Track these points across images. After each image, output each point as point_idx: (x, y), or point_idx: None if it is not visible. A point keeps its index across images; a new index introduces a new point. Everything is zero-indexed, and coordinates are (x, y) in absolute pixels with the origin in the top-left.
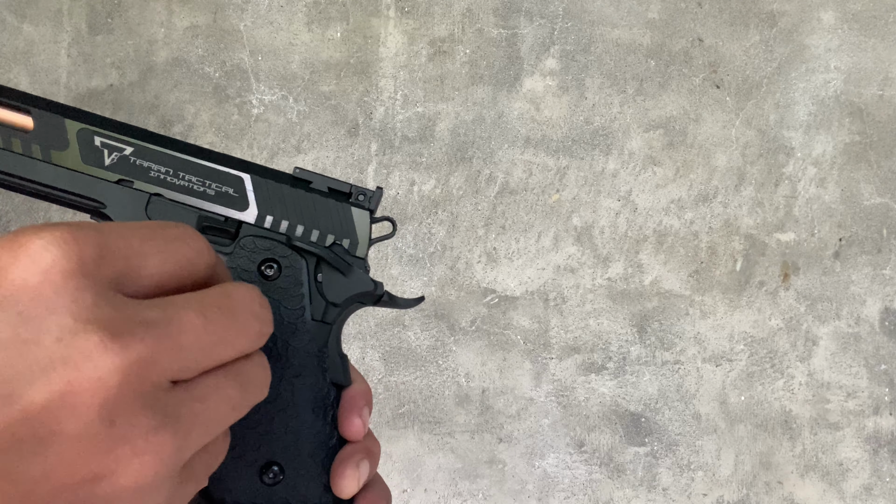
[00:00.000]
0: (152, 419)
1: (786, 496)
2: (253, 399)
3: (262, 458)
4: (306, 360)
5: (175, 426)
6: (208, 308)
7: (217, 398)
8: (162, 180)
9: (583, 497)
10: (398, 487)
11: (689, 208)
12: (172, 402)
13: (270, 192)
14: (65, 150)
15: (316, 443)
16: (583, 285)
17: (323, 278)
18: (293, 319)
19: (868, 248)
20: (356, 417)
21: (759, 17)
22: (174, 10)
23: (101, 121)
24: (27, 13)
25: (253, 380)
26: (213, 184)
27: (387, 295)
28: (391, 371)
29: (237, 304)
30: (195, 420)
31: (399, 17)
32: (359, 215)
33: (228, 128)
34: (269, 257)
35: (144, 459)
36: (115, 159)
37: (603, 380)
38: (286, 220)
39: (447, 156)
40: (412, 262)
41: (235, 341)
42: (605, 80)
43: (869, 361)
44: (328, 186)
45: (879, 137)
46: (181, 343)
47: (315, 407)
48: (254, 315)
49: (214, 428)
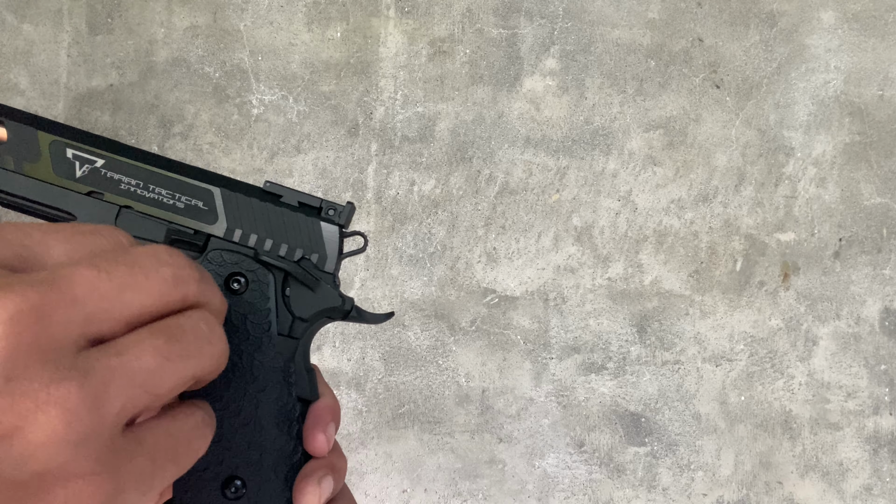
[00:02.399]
0: (54, 372)
1: (786, 496)
2: (195, 350)
3: (224, 472)
4: (271, 374)
5: (83, 378)
6: (102, 261)
7: (139, 349)
8: (132, 193)
9: (583, 497)
10: (398, 487)
11: (689, 208)
12: (84, 357)
13: (240, 205)
14: (37, 161)
15: (279, 458)
16: (583, 285)
17: (290, 293)
18: (259, 334)
19: (868, 248)
20: (320, 433)
21: (759, 17)
22: (174, 10)
23: (74, 133)
24: (27, 13)
25: (189, 331)
26: (183, 197)
27: (355, 310)
28: (391, 371)
29: (136, 256)
30: (111, 373)
31: (399, 17)
32: (328, 230)
33: (228, 128)
34: (237, 271)
35: (49, 412)
36: (87, 171)
37: (603, 380)
38: (255, 233)
39: (447, 156)
40: (412, 262)
41: (143, 287)
42: (605, 80)
43: (869, 361)
44: (298, 201)
45: (879, 137)
46: (74, 294)
47: (279, 422)
48: (160, 261)
49: (146, 381)
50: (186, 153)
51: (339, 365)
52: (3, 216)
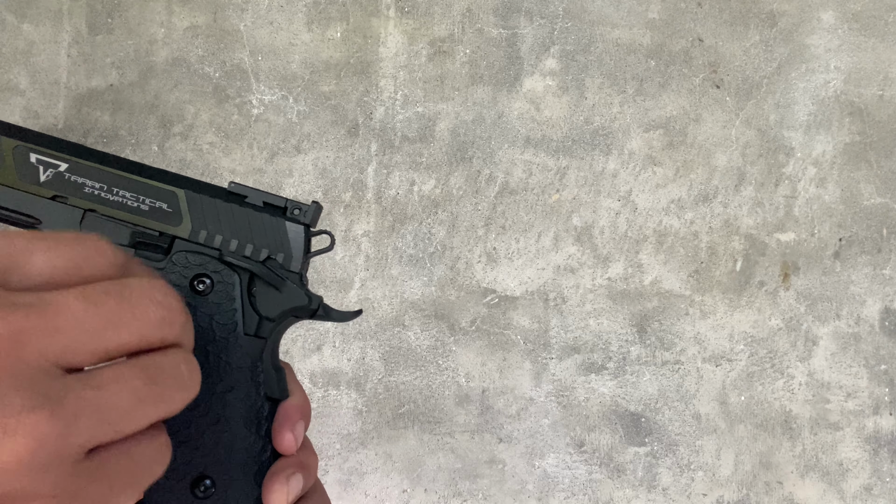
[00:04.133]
0: (26, 399)
1: (786, 496)
2: (170, 395)
3: (193, 472)
4: (239, 374)
5: (55, 408)
6: (91, 293)
7: (116, 388)
8: (96, 196)
9: (583, 497)
10: (398, 487)
11: (689, 208)
12: (57, 387)
13: (204, 206)
14: (1, 166)
15: (248, 457)
16: (583, 285)
17: (257, 293)
18: (225, 334)
19: (868, 248)
20: (288, 432)
21: (759, 17)
22: (174, 10)
23: (37, 137)
24: (27, 13)
25: (169, 373)
26: (147, 199)
27: (322, 308)
28: (391, 371)
29: (129, 290)
30: (84, 405)
31: (399, 17)
32: (293, 229)
33: (228, 128)
34: (202, 272)
35: (17, 439)
36: (51, 176)
37: (603, 380)
38: (220, 234)
39: (447, 156)
40: (412, 262)
41: (129, 325)
42: (605, 80)
43: (869, 361)
44: (263, 201)
45: (879, 137)
46: (57, 324)
47: (247, 421)
48: (151, 300)
49: (116, 419)
50: (186, 153)
51: (339, 365)
52: None
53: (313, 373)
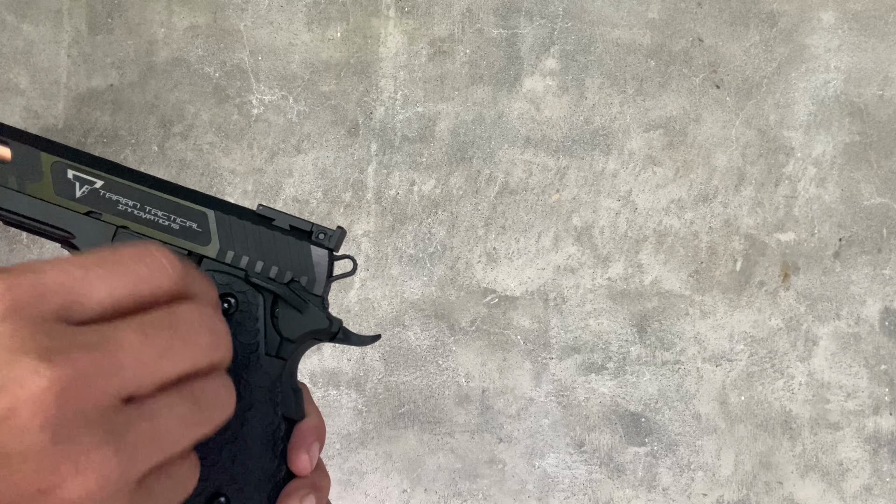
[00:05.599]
0: (94, 436)
1: (786, 496)
2: (212, 418)
3: (209, 489)
4: (258, 393)
5: (119, 443)
6: (148, 325)
7: (168, 416)
8: (129, 213)
9: (583, 497)
10: (398, 487)
11: (689, 208)
12: (119, 420)
13: (233, 228)
14: (39, 181)
15: (263, 476)
16: (583, 285)
17: (279, 314)
18: (247, 354)
19: (868, 248)
20: (304, 453)
21: (759, 17)
22: (174, 10)
23: (75, 154)
24: (27, 13)
25: (211, 398)
26: (178, 218)
27: (342, 332)
28: (391, 371)
29: (181, 319)
30: (142, 437)
31: (399, 17)
32: (318, 254)
33: (228, 128)
34: (227, 292)
35: (87, 476)
36: (86, 192)
37: (603, 380)
38: (247, 255)
39: (447, 156)
40: (412, 262)
41: (182, 354)
42: (605, 80)
43: (869, 361)
44: (290, 224)
45: (879, 137)
46: (119, 360)
47: (264, 440)
48: (203, 328)
49: (167, 446)
50: (186, 153)
51: (339, 365)
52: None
53: (313, 373)
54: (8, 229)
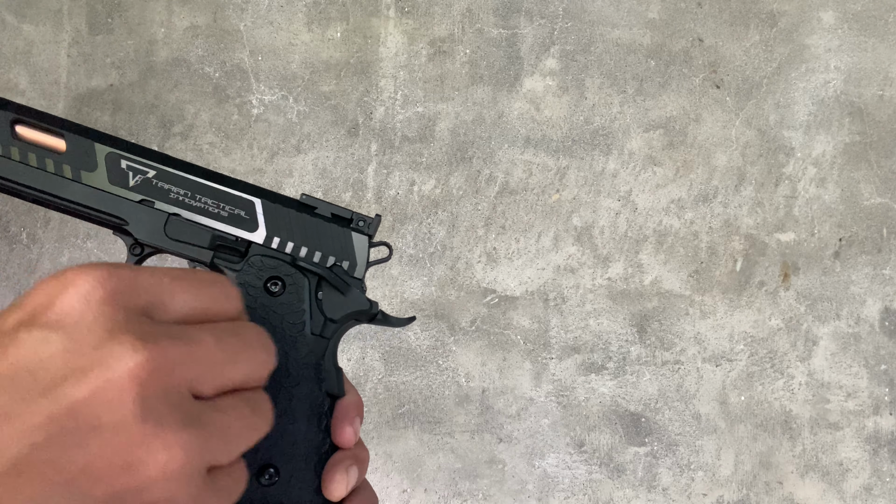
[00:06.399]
0: (178, 418)
1: (786, 496)
2: (263, 426)
3: (259, 461)
4: (304, 370)
5: (198, 429)
6: (221, 332)
7: (234, 414)
8: (180, 201)
9: (583, 497)
10: (398, 487)
11: (689, 208)
12: (195, 409)
13: (279, 215)
14: (94, 171)
15: (310, 448)
16: (583, 285)
17: (323, 296)
18: (294, 333)
19: (868, 248)
20: (348, 426)
21: (759, 17)
22: (174, 10)
23: (128, 145)
24: (27, 13)
25: (262, 407)
26: (227, 206)
27: (381, 314)
28: (391, 371)
29: (246, 333)
30: (215, 428)
31: (399, 17)
32: (358, 240)
33: (228, 128)
34: (275, 275)
35: (172, 452)
36: (139, 181)
37: (603, 380)
38: (292, 241)
39: (447, 156)
40: (412, 262)
41: (244, 363)
42: (605, 80)
43: (869, 361)
44: (331, 212)
45: (879, 137)
46: (198, 355)
47: (310, 415)
48: (260, 345)
49: (233, 442)
50: (186, 153)
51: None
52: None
53: None
54: (8, 229)
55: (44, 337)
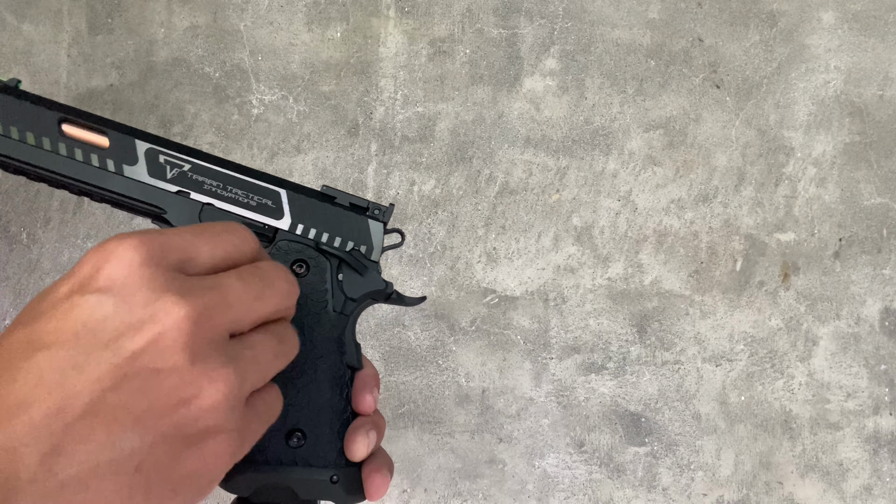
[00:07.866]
0: (219, 357)
1: (786, 496)
2: (289, 352)
3: (288, 425)
4: (328, 344)
5: (235, 364)
6: (244, 274)
7: (262, 347)
8: (213, 192)
9: (583, 497)
10: (398, 487)
11: (689, 208)
12: (231, 348)
13: (302, 204)
14: (134, 164)
15: (333, 414)
16: (583, 285)
17: (343, 277)
18: (318, 310)
19: (868, 248)
20: (368, 394)
21: (759, 17)
22: (174, 10)
23: (165, 142)
24: (27, 13)
25: (287, 336)
26: (255, 196)
27: (395, 293)
28: (391, 371)
29: (266, 271)
30: (248, 361)
31: (399, 17)
32: (374, 226)
33: (228, 128)
34: (300, 258)
35: (217, 385)
36: (176, 174)
37: (603, 380)
38: (314, 228)
39: (447, 156)
40: (412, 262)
41: (270, 298)
42: (605, 80)
43: (869, 361)
44: (350, 202)
45: (879, 137)
46: (229, 299)
47: (333, 384)
48: (280, 278)
49: (265, 369)
50: None
51: None
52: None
53: None
54: (8, 229)
55: (97, 300)
